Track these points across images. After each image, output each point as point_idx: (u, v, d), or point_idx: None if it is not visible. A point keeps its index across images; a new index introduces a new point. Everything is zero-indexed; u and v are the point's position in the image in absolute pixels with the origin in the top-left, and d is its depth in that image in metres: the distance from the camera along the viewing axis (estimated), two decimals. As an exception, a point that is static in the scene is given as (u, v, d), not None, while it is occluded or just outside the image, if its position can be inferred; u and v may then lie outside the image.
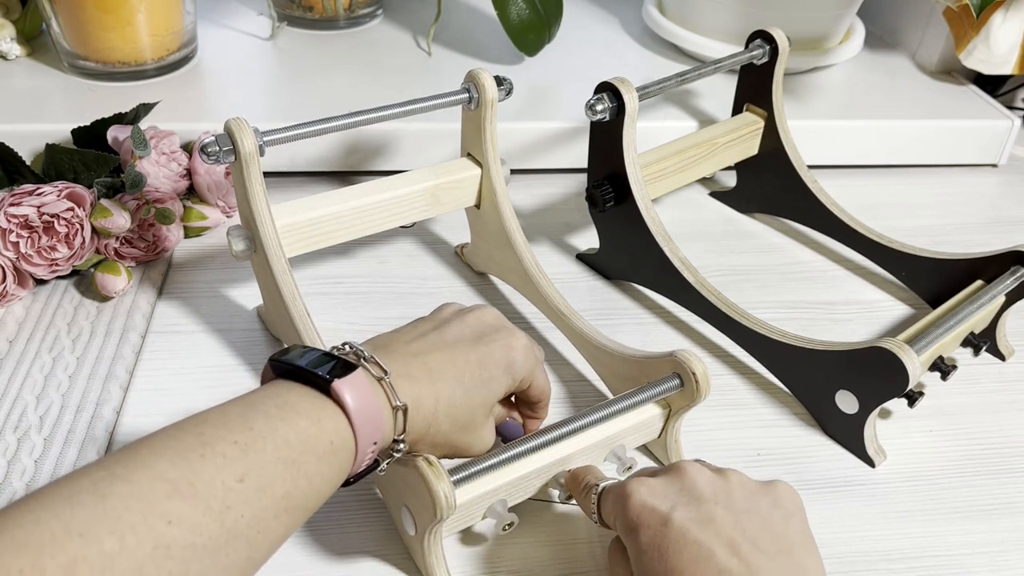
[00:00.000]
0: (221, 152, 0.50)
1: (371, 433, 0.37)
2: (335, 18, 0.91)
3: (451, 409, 0.42)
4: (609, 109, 0.60)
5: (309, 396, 0.36)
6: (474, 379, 0.43)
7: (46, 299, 0.63)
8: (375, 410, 0.37)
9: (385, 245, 0.71)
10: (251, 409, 0.35)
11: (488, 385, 0.43)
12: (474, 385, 0.43)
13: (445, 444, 0.43)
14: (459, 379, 0.42)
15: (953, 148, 0.86)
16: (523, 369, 0.45)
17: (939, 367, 0.56)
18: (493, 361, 0.44)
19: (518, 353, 0.45)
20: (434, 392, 0.41)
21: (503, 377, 0.44)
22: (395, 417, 0.39)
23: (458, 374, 0.42)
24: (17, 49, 0.81)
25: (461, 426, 0.43)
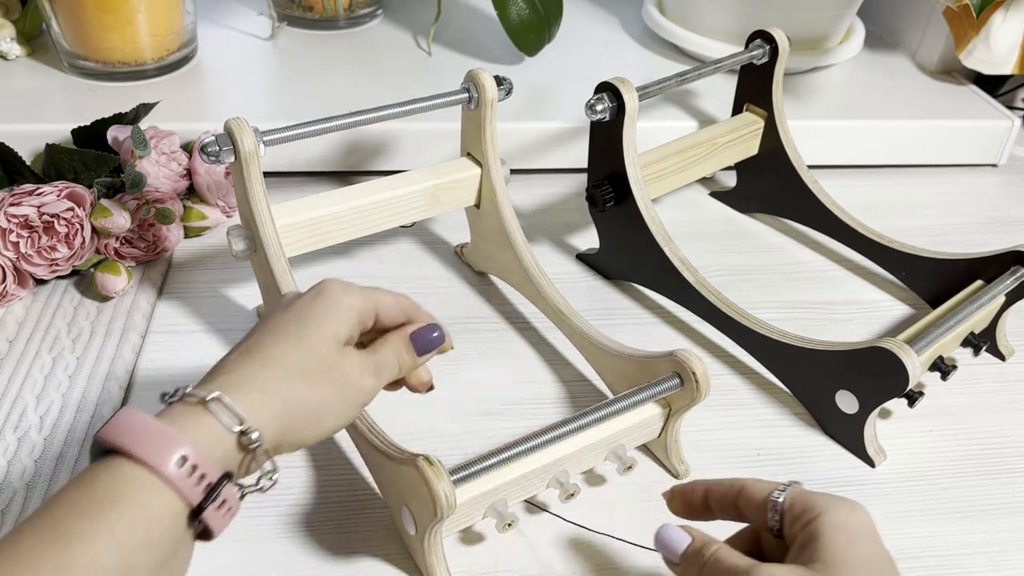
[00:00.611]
0: (221, 152, 0.51)
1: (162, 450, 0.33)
2: (335, 18, 0.91)
3: (290, 364, 0.38)
4: (609, 109, 0.60)
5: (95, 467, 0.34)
6: (298, 329, 0.40)
7: (46, 299, 0.63)
8: (159, 432, 0.34)
9: (385, 245, 0.71)
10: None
11: (316, 325, 0.40)
12: (302, 333, 0.40)
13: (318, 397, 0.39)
14: (284, 336, 0.39)
15: (953, 148, 0.86)
16: (348, 300, 0.41)
17: (939, 367, 0.56)
18: (306, 305, 0.41)
19: (332, 290, 0.41)
20: (261, 362, 0.38)
21: (329, 311, 0.40)
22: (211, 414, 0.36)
23: (277, 334, 0.39)
24: (17, 49, 0.81)
25: (317, 370, 0.39)
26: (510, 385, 0.59)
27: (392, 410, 0.56)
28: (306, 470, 0.52)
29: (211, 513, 0.34)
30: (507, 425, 0.56)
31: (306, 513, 0.50)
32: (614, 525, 0.50)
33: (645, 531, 0.50)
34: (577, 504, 0.49)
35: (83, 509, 0.32)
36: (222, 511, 0.35)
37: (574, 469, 0.48)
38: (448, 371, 0.59)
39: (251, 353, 0.39)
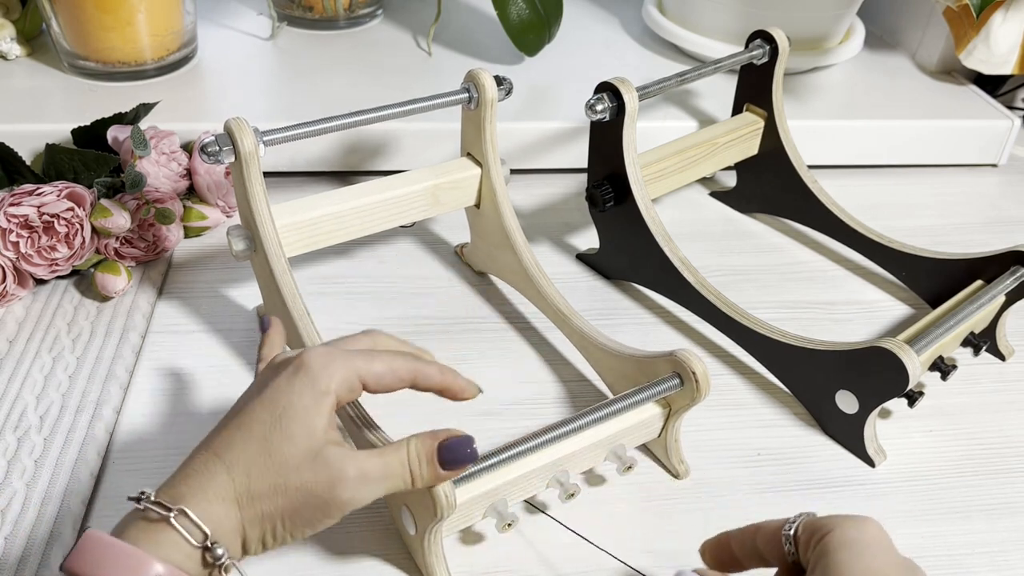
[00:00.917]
0: (221, 152, 0.50)
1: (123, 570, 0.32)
2: (335, 18, 0.91)
3: (250, 468, 0.36)
4: (609, 109, 0.60)
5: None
6: (263, 426, 0.37)
7: (46, 299, 0.63)
8: (128, 557, 0.33)
9: (385, 245, 0.71)
10: None
11: (283, 420, 0.37)
12: (267, 430, 0.37)
13: (284, 498, 0.37)
14: (245, 436, 0.37)
15: (953, 148, 0.86)
16: (325, 380, 0.38)
17: (939, 367, 0.56)
18: (280, 391, 0.38)
19: (308, 368, 0.38)
20: (224, 467, 0.36)
21: (304, 396, 0.37)
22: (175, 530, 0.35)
23: (245, 432, 0.37)
24: (17, 49, 0.81)
25: (281, 472, 0.37)
26: (510, 385, 0.59)
27: (392, 410, 0.56)
28: (306, 470, 0.52)
29: None
30: (507, 425, 0.56)
31: (306, 513, 0.50)
32: (614, 525, 0.50)
33: (644, 531, 0.50)
34: (577, 504, 0.49)
35: None
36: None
37: (574, 469, 0.48)
38: (448, 371, 0.59)
39: (219, 455, 0.37)
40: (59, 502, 0.49)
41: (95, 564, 0.33)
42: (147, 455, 0.52)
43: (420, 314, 0.64)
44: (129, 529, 0.35)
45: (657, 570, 0.48)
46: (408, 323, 0.63)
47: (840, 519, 0.38)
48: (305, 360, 0.38)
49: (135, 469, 0.51)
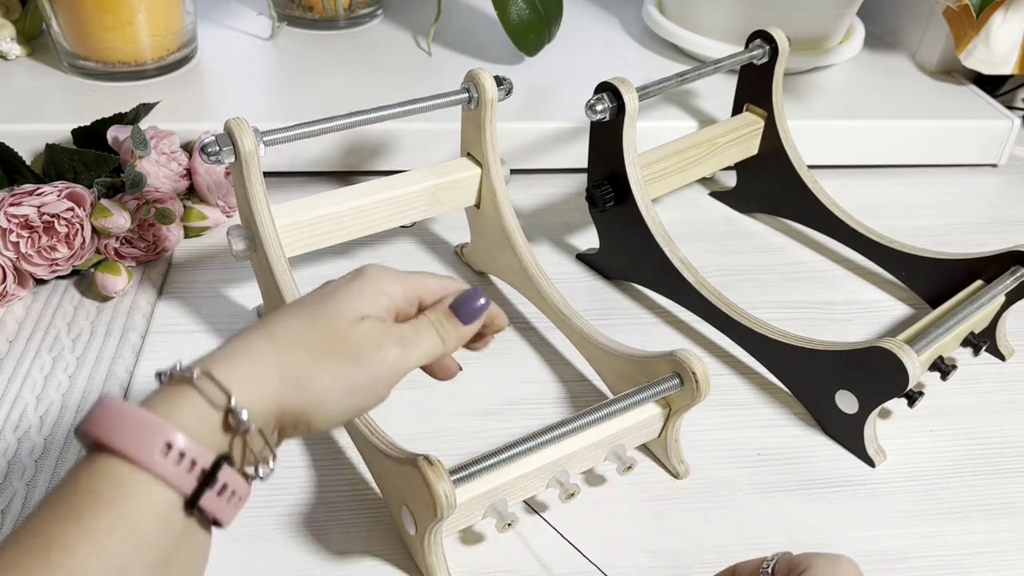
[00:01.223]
0: (221, 152, 0.50)
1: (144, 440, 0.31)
2: (335, 18, 0.91)
3: (293, 337, 0.35)
4: (609, 109, 0.60)
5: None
6: (313, 303, 0.37)
7: (46, 299, 0.63)
8: (138, 420, 0.31)
9: (385, 245, 0.71)
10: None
11: (333, 299, 0.37)
12: (315, 307, 0.37)
13: (316, 368, 0.35)
14: (295, 313, 0.37)
15: (953, 148, 0.86)
16: (382, 284, 0.38)
17: (939, 367, 0.56)
18: (335, 286, 0.38)
19: (367, 273, 0.39)
20: (264, 334, 0.35)
21: (352, 286, 0.38)
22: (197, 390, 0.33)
23: (292, 310, 0.37)
24: (17, 49, 0.81)
25: (321, 342, 0.36)
26: (510, 385, 0.59)
27: (392, 410, 0.56)
28: (306, 470, 0.52)
29: (211, 501, 0.32)
30: (507, 425, 0.56)
31: (306, 513, 0.50)
32: (614, 525, 0.50)
33: (644, 531, 0.50)
34: (577, 504, 0.49)
35: (63, 514, 0.30)
36: (224, 497, 0.32)
37: (574, 469, 0.48)
38: (448, 371, 0.60)
39: (257, 326, 0.36)
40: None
41: (105, 425, 0.31)
42: (147, 455, 0.52)
43: (420, 314, 0.64)
44: (151, 397, 0.33)
45: (657, 570, 0.48)
46: (408, 323, 0.63)
47: (815, 557, 0.38)
48: (363, 269, 0.39)
49: (135, 469, 0.51)
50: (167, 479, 0.31)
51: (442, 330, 0.39)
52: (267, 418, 0.34)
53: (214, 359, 0.34)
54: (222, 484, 0.32)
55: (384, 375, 0.37)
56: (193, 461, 0.31)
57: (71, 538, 0.29)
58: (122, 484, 0.30)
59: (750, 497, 0.52)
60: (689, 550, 0.49)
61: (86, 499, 0.30)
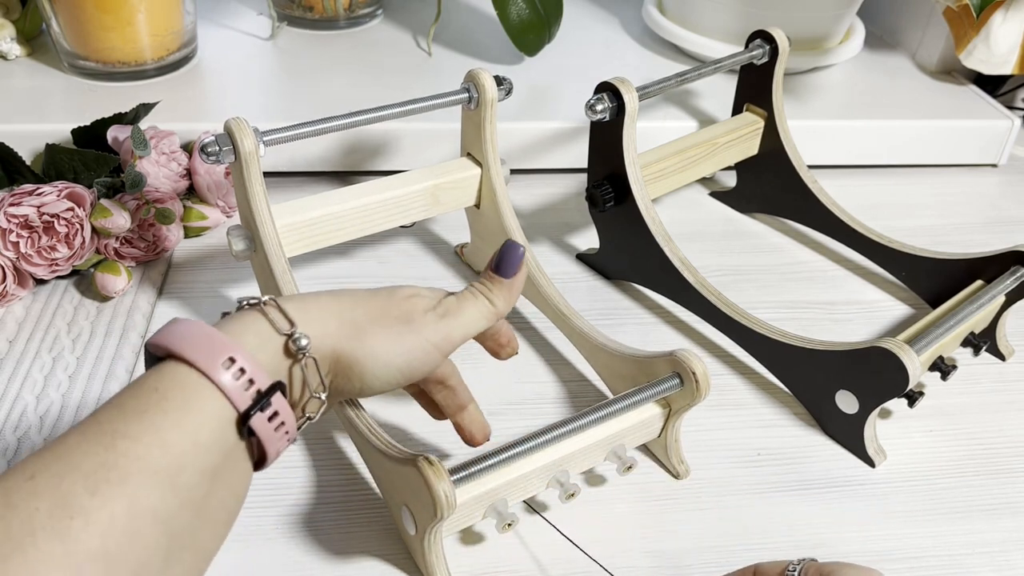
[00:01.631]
0: (221, 152, 0.51)
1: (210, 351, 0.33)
2: (335, 18, 0.91)
3: (357, 301, 0.39)
4: (609, 109, 0.60)
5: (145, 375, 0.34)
6: (376, 292, 0.41)
7: (46, 299, 0.63)
8: (207, 335, 0.33)
9: (385, 245, 0.71)
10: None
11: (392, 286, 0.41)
12: (376, 289, 0.41)
13: (374, 322, 0.38)
14: (358, 290, 0.40)
15: (953, 148, 0.86)
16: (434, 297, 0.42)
17: (939, 367, 0.56)
18: (401, 287, 0.42)
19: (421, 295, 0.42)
20: (329, 292, 0.39)
21: (413, 299, 0.41)
22: (263, 315, 0.36)
23: (357, 290, 0.40)
24: (17, 49, 0.81)
25: (383, 309, 0.39)
26: (510, 385, 0.59)
27: (392, 410, 0.56)
28: (306, 470, 0.52)
29: (261, 423, 0.33)
30: (507, 425, 0.56)
31: (306, 513, 0.50)
32: (614, 525, 0.50)
33: (644, 531, 0.50)
34: (577, 504, 0.49)
35: (130, 408, 0.31)
36: (274, 424, 0.34)
37: (574, 469, 0.48)
38: (448, 371, 0.59)
39: (323, 289, 0.39)
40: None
41: (174, 336, 0.33)
42: (147, 455, 0.52)
43: (420, 314, 0.64)
44: (222, 320, 0.36)
45: (657, 570, 0.48)
46: (408, 323, 0.63)
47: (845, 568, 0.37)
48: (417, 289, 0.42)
49: (135, 469, 0.51)
50: (226, 390, 0.33)
51: (488, 293, 0.42)
52: (324, 354, 0.37)
53: (284, 297, 0.37)
54: (274, 411, 0.34)
55: (433, 338, 0.40)
56: (251, 380, 0.33)
57: (134, 429, 0.31)
58: (185, 387, 0.32)
59: (750, 497, 0.52)
60: (689, 550, 0.49)
61: (152, 397, 0.32)
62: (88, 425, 0.31)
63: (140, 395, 0.32)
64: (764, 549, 0.49)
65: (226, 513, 0.34)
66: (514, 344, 0.47)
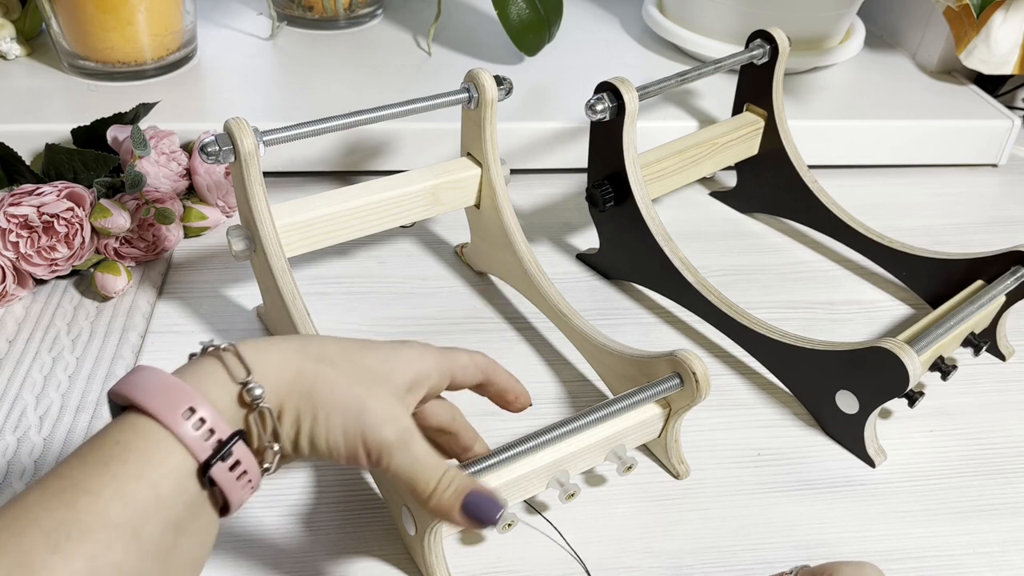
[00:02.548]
0: (221, 152, 0.50)
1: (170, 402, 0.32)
2: (335, 18, 0.91)
3: (325, 354, 0.37)
4: (609, 109, 0.60)
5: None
6: (355, 341, 0.39)
7: (46, 299, 0.63)
8: (169, 385, 0.33)
9: (385, 245, 0.71)
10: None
11: (374, 348, 0.39)
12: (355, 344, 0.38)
13: (331, 390, 0.36)
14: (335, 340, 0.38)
15: (953, 148, 0.86)
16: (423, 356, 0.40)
17: (939, 367, 0.56)
18: (378, 344, 0.39)
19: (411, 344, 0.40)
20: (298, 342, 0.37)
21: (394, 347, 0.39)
22: (222, 363, 0.35)
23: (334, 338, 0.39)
24: (17, 49, 0.81)
25: (346, 373, 0.37)
26: (510, 385, 0.59)
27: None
28: (306, 470, 0.52)
29: (222, 473, 0.33)
30: (508, 425, 0.56)
31: (306, 513, 0.50)
32: (614, 525, 0.50)
33: (644, 531, 0.50)
34: (577, 504, 0.49)
35: (91, 461, 0.31)
36: (236, 473, 0.34)
37: (574, 469, 0.48)
38: (448, 371, 0.59)
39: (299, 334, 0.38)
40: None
41: (135, 387, 0.33)
42: (147, 455, 0.52)
43: (420, 314, 0.64)
44: (183, 367, 0.36)
45: (657, 570, 0.48)
46: (408, 323, 0.63)
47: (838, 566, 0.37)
48: (408, 340, 0.41)
49: (135, 469, 0.51)
50: (186, 441, 0.32)
51: (442, 485, 0.37)
52: (278, 405, 0.36)
53: (245, 341, 0.36)
54: (235, 460, 0.34)
55: (363, 452, 0.37)
56: (211, 430, 0.33)
57: (95, 483, 0.30)
58: (146, 439, 0.32)
59: (750, 497, 0.52)
60: (689, 550, 0.49)
61: (113, 450, 0.32)
62: (50, 480, 0.31)
63: (102, 448, 0.32)
64: (764, 549, 0.49)
65: (192, 561, 0.34)
66: (523, 399, 0.45)
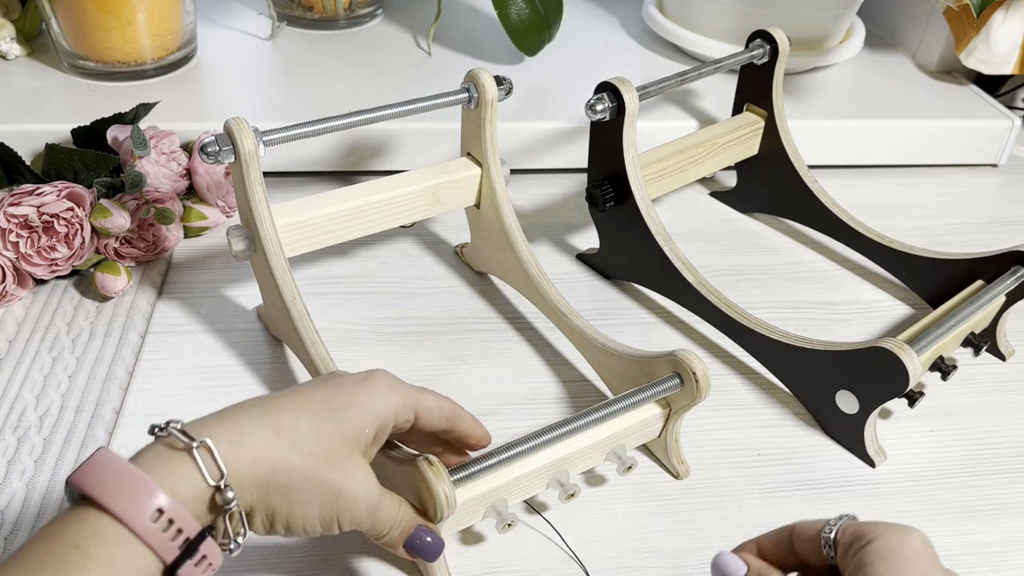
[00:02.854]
0: (221, 152, 0.50)
1: (136, 501, 0.31)
2: (335, 18, 0.91)
3: (298, 439, 0.37)
4: (609, 109, 0.60)
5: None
6: (323, 409, 0.38)
7: (46, 299, 0.63)
8: (134, 481, 0.32)
9: (385, 245, 0.71)
10: None
11: (343, 413, 0.38)
12: (324, 415, 0.38)
13: (306, 483, 0.37)
14: (302, 410, 0.38)
15: (953, 148, 0.86)
16: (387, 397, 0.40)
17: (939, 367, 0.56)
18: (345, 392, 0.39)
19: (377, 382, 0.40)
20: (271, 423, 0.37)
21: (368, 399, 0.39)
22: (194, 461, 0.34)
23: (302, 406, 0.38)
24: (17, 49, 0.81)
25: (319, 458, 0.37)
26: (510, 385, 0.59)
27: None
28: (306, 470, 0.52)
29: (189, 571, 0.33)
30: (507, 425, 0.56)
31: (306, 513, 0.50)
32: (614, 525, 0.50)
33: (644, 531, 0.50)
34: (577, 504, 0.49)
35: (50, 564, 0.30)
36: (201, 568, 0.33)
37: (574, 469, 0.48)
38: (448, 371, 0.59)
39: (265, 409, 0.37)
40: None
41: (99, 483, 0.32)
42: (147, 455, 0.52)
43: (420, 314, 0.64)
44: (146, 454, 0.34)
45: (657, 570, 0.48)
46: (408, 323, 0.63)
47: (883, 528, 0.36)
48: (374, 374, 0.41)
49: (135, 469, 0.51)
50: (152, 545, 0.31)
51: (394, 529, 0.41)
52: (248, 503, 0.36)
53: (216, 431, 0.35)
54: (202, 555, 0.33)
55: (351, 519, 0.39)
56: (179, 530, 0.32)
57: None
58: (108, 543, 0.31)
59: (750, 497, 0.52)
60: (689, 550, 0.49)
61: (74, 555, 0.30)
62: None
63: (62, 552, 0.30)
64: (764, 549, 0.49)
65: None
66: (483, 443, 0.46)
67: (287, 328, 0.54)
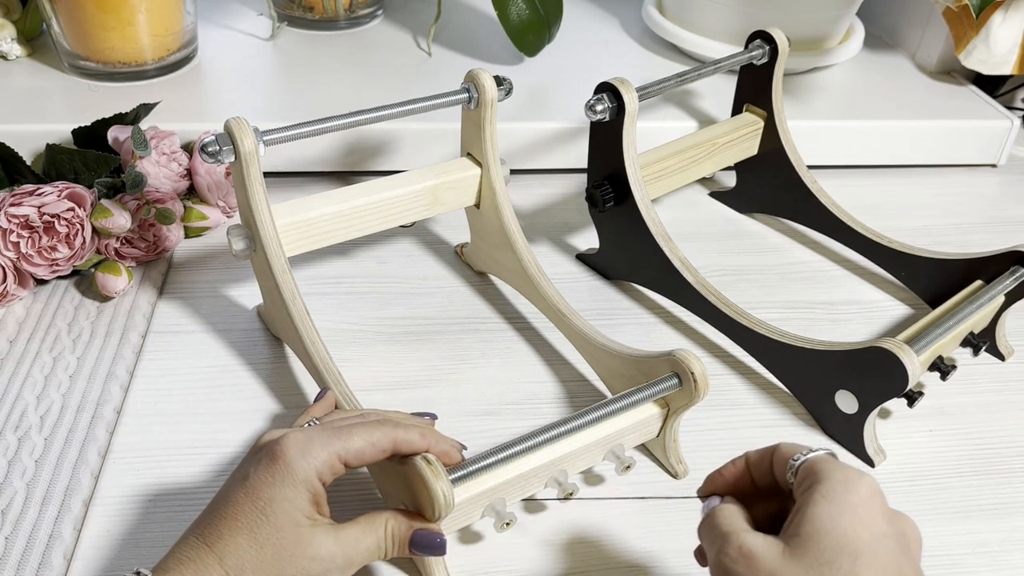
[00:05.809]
0: (221, 152, 0.51)
1: None
2: (335, 18, 0.91)
3: (243, 562, 0.38)
4: (609, 109, 0.60)
5: None
6: (253, 515, 0.38)
7: (46, 299, 0.63)
8: None
9: (385, 245, 0.71)
10: None
11: (270, 509, 0.38)
12: (257, 522, 0.38)
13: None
14: (237, 527, 0.38)
15: (953, 148, 0.86)
16: (304, 465, 0.39)
17: (939, 367, 0.56)
18: (261, 482, 0.39)
19: (286, 457, 0.39)
20: (215, 559, 0.38)
21: (284, 487, 0.39)
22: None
23: (232, 523, 0.38)
24: (17, 49, 0.81)
25: (269, 567, 0.38)
26: (510, 385, 0.59)
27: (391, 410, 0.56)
28: (306, 470, 0.52)
29: None
30: (507, 425, 0.56)
31: (306, 513, 0.50)
32: (612, 525, 0.50)
33: (643, 531, 0.50)
34: (575, 504, 0.49)
35: None
36: None
37: (572, 469, 0.48)
38: (448, 371, 0.60)
39: (210, 546, 0.38)
40: (59, 502, 0.49)
41: None
42: (148, 455, 0.52)
43: (420, 314, 0.64)
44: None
45: (656, 570, 0.48)
46: (408, 323, 0.63)
47: (835, 470, 0.36)
48: (283, 449, 0.40)
49: (135, 469, 0.51)
50: None
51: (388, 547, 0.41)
52: None
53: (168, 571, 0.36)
54: None
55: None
56: None
57: None
58: None
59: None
60: (689, 550, 0.49)
61: None
62: None
63: None
64: (763, 549, 0.49)
65: None
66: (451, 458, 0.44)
67: (287, 328, 0.54)
